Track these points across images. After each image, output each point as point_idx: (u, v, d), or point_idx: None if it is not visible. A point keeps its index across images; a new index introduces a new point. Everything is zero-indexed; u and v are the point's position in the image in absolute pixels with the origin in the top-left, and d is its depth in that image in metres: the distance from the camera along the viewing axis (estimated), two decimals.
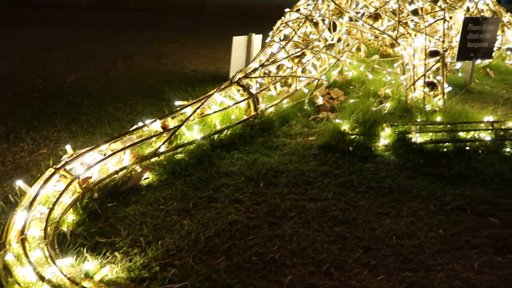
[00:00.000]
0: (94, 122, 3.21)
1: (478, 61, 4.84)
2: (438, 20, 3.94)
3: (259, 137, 2.91)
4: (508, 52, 5.68)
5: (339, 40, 4.16)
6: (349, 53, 4.40)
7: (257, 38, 4.74)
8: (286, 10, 4.47)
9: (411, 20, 4.06)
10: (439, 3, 4.22)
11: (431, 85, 3.45)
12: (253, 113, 2.99)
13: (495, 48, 5.31)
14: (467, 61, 4.69)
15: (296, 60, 3.61)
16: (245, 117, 3.00)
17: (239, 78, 3.05)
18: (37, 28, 9.23)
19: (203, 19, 14.11)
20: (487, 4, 5.04)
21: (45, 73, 4.88)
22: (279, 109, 3.31)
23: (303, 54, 3.61)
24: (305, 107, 3.60)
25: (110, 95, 3.97)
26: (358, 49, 4.85)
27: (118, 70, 5.31)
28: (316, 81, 3.66)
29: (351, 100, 3.74)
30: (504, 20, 5.39)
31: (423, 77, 3.47)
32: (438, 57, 3.60)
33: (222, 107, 2.89)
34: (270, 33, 4.22)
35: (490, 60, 5.12)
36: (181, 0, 18.32)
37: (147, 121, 2.55)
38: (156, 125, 2.52)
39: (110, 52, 6.57)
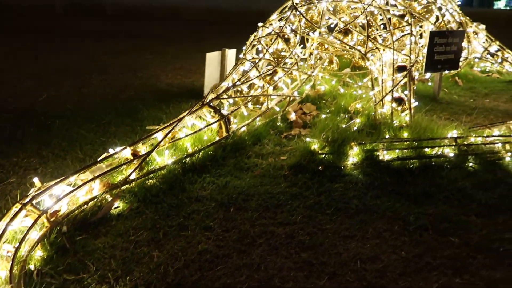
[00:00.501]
0: (65, 146, 3.19)
1: (446, 71, 5.00)
2: (405, 34, 4.06)
3: (231, 158, 2.95)
4: (476, 60, 5.88)
5: (310, 54, 4.25)
6: (321, 66, 4.49)
7: (230, 53, 4.78)
8: (259, 24, 4.52)
9: (379, 35, 4.17)
10: (406, 18, 4.36)
11: (399, 100, 3.55)
12: (224, 134, 3.02)
13: (462, 59, 5.50)
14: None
15: (268, 78, 3.66)
16: (217, 138, 3.03)
17: (211, 100, 3.08)
18: (7, 37, 9.04)
19: (181, 25, 14.09)
20: (453, 16, 5.21)
21: (16, 91, 4.80)
22: (252, 128, 3.36)
23: (275, 72, 3.67)
24: (278, 124, 3.65)
25: (83, 115, 3.94)
26: (331, 62, 4.94)
27: (92, 85, 5.26)
28: (289, 97, 3.72)
29: (323, 116, 3.82)
30: (469, 30, 5.59)
31: (391, 92, 3.57)
32: (405, 72, 3.71)
33: (194, 130, 2.91)
34: (244, 47, 4.27)
35: (458, 70, 5.30)
36: (159, 5, 18.24)
37: (117, 149, 2.55)
38: (126, 152, 2.53)
39: (85, 65, 6.51)
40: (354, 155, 2.89)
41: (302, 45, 4.36)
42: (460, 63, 5.57)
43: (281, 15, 4.35)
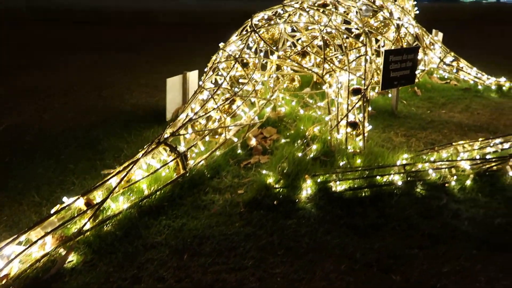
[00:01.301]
0: (21, 188, 3.17)
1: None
2: (360, 56, 4.17)
3: (188, 196, 3.00)
4: (434, 65, 6.07)
5: (270, 76, 4.32)
6: (282, 87, 4.57)
7: (192, 75, 4.81)
8: (220, 45, 4.56)
9: (336, 57, 4.27)
10: (361, 38, 4.47)
11: (353, 125, 3.67)
12: (182, 171, 3.07)
13: (418, 71, 5.68)
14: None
15: (227, 106, 3.72)
16: (175, 175, 3.07)
17: (166, 138, 3.12)
18: None
19: (153, 31, 13.88)
20: (409, 29, 5.36)
21: None
22: (210, 159, 3.41)
23: (233, 101, 3.72)
24: (238, 151, 3.72)
25: (42, 148, 3.90)
26: (292, 80, 5.03)
27: (55, 109, 5.19)
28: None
29: (283, 140, 3.92)
30: (426, 41, 5.77)
31: (346, 117, 3.68)
32: (359, 96, 3.82)
33: (150, 170, 2.95)
34: (207, 69, 4.30)
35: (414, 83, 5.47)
36: (130, 9, 17.89)
37: (70, 200, 2.57)
38: (79, 203, 2.55)
39: (49, 84, 6.41)
40: (307, 188, 2.99)
41: (264, 60, 4.42)
42: (418, 75, 5.77)
43: (241, 36, 4.39)
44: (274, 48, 4.09)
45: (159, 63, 8.29)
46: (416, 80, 5.81)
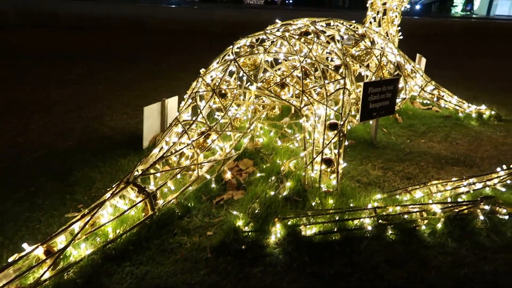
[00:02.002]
0: None
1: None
2: (338, 89, 4.18)
3: (155, 239, 2.95)
4: (415, 94, 6.11)
5: (248, 107, 4.30)
6: (261, 116, 4.55)
7: (172, 102, 4.77)
8: (201, 71, 4.54)
9: (314, 90, 4.27)
10: (341, 70, 4.48)
11: (328, 162, 3.66)
12: (150, 212, 3.02)
13: (399, 100, 5.71)
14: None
15: (201, 140, 3.68)
16: (143, 215, 3.03)
17: (136, 177, 3.08)
18: None
19: (142, 39, 13.84)
20: (389, 58, 5.39)
21: None
22: (182, 196, 3.37)
23: (208, 135, 3.69)
24: (212, 186, 3.69)
25: (14, 178, 3.83)
26: (273, 108, 5.02)
27: (32, 131, 5.11)
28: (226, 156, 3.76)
29: (258, 174, 3.89)
30: (408, 68, 5.80)
31: (321, 153, 3.67)
32: (336, 131, 3.82)
33: (116, 213, 2.90)
34: (186, 96, 4.27)
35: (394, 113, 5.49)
36: (120, 15, 17.81)
37: (28, 249, 2.51)
38: (39, 251, 2.49)
39: (29, 100, 6.32)
40: (277, 232, 2.97)
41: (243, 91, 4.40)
42: (399, 103, 5.80)
43: (221, 64, 4.38)
44: (255, 77, 4.09)
45: (145, 77, 8.24)
46: (397, 108, 5.85)
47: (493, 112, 6.18)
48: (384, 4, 6.20)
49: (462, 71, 10.58)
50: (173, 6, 21.91)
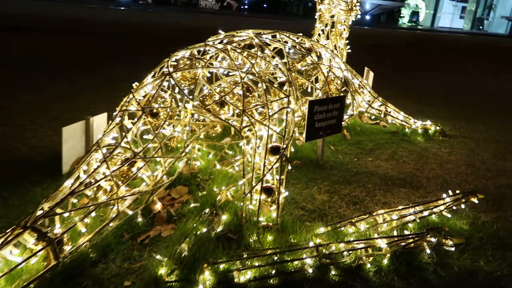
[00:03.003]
0: None
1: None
2: (282, 109, 3.87)
3: None
4: (363, 109, 5.98)
5: (184, 126, 3.89)
6: (199, 137, 4.15)
7: (99, 119, 4.25)
8: (134, 85, 4.08)
9: (256, 110, 3.94)
10: (285, 87, 4.19)
11: (268, 192, 3.33)
12: (53, 262, 2.52)
13: (346, 116, 5.55)
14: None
15: (125, 169, 3.22)
16: (45, 265, 2.52)
17: (36, 219, 2.57)
18: None
19: (83, 45, 12.84)
20: (335, 72, 5.21)
21: None
22: (98, 236, 2.89)
23: (133, 163, 3.24)
24: (138, 220, 3.24)
25: None
26: (213, 125, 4.64)
27: None
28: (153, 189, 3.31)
29: (192, 204, 3.49)
30: (355, 83, 5.65)
31: (261, 181, 3.33)
32: (277, 156, 3.50)
33: (6, 266, 2.38)
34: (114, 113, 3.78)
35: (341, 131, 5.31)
36: (61, 16, 16.69)
37: None
38: None
39: None
40: (205, 281, 2.58)
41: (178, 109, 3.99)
42: (347, 120, 5.64)
43: (156, 79, 3.93)
44: (193, 93, 3.69)
45: (82, 86, 7.55)
46: (345, 124, 5.68)
47: (438, 128, 6.20)
48: (332, 16, 6.04)
49: (408, 83, 10.80)
50: (122, 8, 20.93)
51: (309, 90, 5.14)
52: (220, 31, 4.80)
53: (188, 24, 17.66)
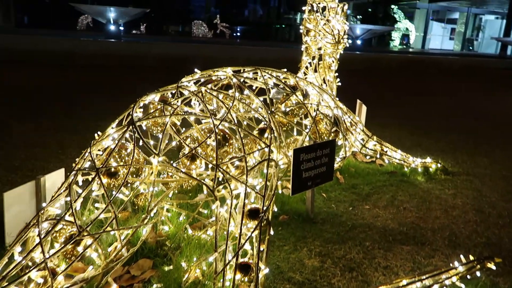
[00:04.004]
0: None
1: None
2: (262, 161, 3.34)
3: None
4: (356, 150, 5.47)
5: (148, 186, 3.35)
6: (166, 197, 3.59)
7: (54, 178, 3.68)
8: (96, 135, 3.57)
9: (232, 163, 3.40)
10: (266, 134, 3.68)
11: (245, 269, 2.74)
12: None
13: (338, 159, 5.03)
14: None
15: (70, 247, 2.64)
16: None
17: None
18: None
19: (64, 78, 12.29)
20: (326, 112, 4.72)
21: None
22: None
23: (79, 241, 2.66)
24: None
25: None
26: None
27: None
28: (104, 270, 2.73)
29: (154, 285, 2.89)
30: (346, 121, 5.16)
31: (236, 256, 2.76)
32: (257, 221, 2.94)
33: None
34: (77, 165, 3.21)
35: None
36: (45, 49, 16.36)
37: None
38: None
39: None
40: None
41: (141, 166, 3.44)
42: (340, 162, 5.12)
43: (118, 129, 3.40)
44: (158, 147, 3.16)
45: (54, 127, 6.99)
46: (337, 167, 5.16)
47: (439, 165, 5.69)
48: (320, 49, 5.60)
49: (402, 110, 10.39)
50: (112, 40, 20.71)
51: (295, 132, 4.64)
52: (196, 70, 4.34)
53: (180, 54, 17.34)
